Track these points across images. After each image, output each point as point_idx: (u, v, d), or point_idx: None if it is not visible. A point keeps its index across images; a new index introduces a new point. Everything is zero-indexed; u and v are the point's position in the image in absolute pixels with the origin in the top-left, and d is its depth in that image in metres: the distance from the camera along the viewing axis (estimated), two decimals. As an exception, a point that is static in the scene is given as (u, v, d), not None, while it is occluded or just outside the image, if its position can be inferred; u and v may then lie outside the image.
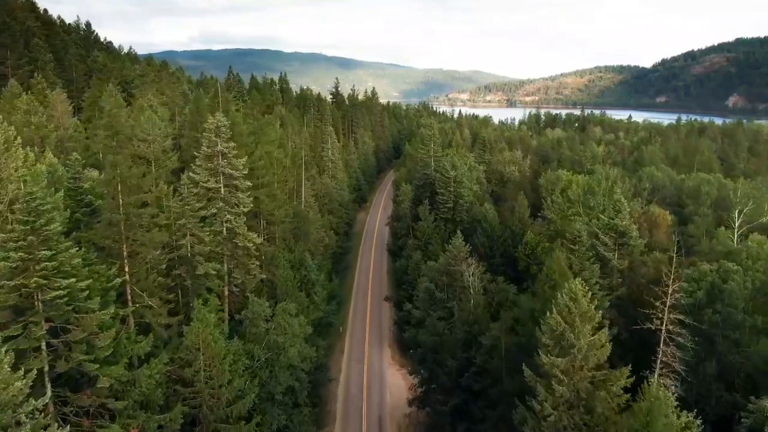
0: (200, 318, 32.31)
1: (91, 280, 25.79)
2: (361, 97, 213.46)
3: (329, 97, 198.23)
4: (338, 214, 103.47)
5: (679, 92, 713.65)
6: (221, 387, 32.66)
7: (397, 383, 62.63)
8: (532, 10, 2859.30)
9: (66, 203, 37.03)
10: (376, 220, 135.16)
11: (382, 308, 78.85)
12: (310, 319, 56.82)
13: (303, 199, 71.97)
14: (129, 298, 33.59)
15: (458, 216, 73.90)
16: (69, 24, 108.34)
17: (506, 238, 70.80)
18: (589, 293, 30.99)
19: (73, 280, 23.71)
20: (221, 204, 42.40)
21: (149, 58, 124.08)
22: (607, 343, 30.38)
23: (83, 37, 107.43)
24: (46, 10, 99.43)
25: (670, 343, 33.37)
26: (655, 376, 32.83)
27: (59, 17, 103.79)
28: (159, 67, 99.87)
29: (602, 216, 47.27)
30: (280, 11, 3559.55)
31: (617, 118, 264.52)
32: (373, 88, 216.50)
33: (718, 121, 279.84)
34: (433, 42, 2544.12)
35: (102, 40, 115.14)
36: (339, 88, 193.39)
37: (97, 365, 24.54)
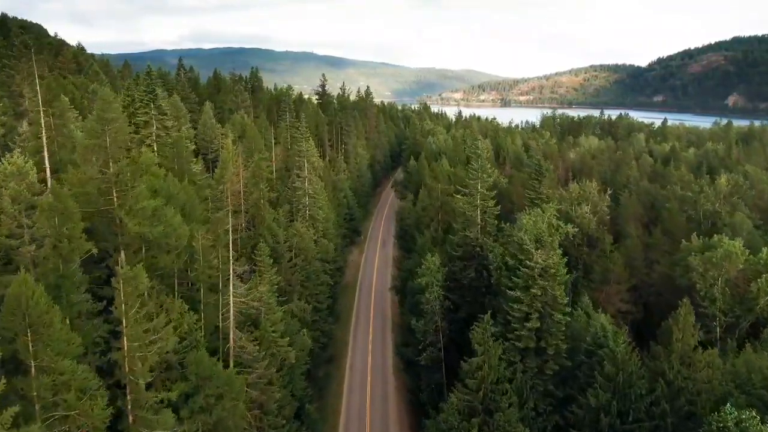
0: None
1: None
2: (352, 97, 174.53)
3: (314, 98, 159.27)
4: (320, 279, 65.17)
5: (677, 91, 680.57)
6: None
7: None
8: (526, 9, 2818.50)
9: None
10: (374, 268, 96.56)
11: None
12: None
13: (232, 317, 33.20)
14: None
15: (548, 341, 35.61)
16: None
17: (658, 397, 32.89)
18: None
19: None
20: None
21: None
22: None
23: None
24: None
25: None
26: None
27: None
28: None
29: None
30: (272, 9, 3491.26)
31: (640, 119, 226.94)
32: (368, 87, 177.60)
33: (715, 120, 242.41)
34: (426, 41, 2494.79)
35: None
36: (326, 87, 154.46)
37: None
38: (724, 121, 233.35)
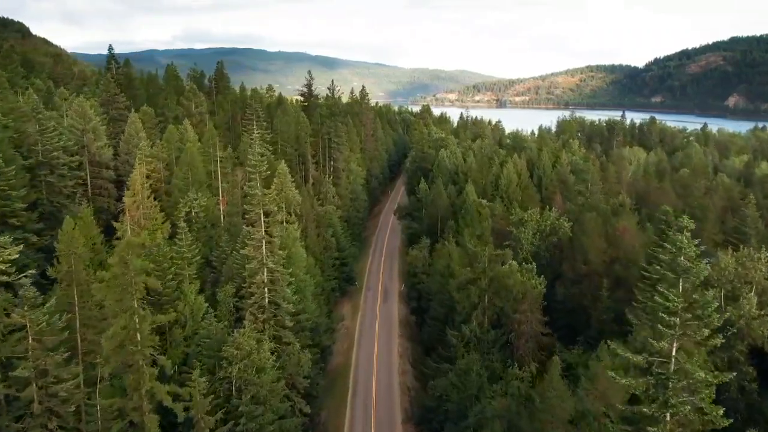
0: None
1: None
2: (345, 99, 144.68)
3: (299, 99, 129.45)
4: (283, 428, 35.64)
5: (675, 92, 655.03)
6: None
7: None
8: (520, 9, 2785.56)
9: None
10: (374, 343, 66.54)
11: None
12: None
13: None
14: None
15: None
16: None
17: None
18: None
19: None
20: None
21: None
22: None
23: None
24: None
25: None
26: None
27: None
28: None
29: None
30: (266, 9, 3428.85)
31: (671, 124, 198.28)
32: (363, 87, 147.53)
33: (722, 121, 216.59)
34: (420, 41, 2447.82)
35: None
36: (312, 87, 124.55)
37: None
38: (761, 125, 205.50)
